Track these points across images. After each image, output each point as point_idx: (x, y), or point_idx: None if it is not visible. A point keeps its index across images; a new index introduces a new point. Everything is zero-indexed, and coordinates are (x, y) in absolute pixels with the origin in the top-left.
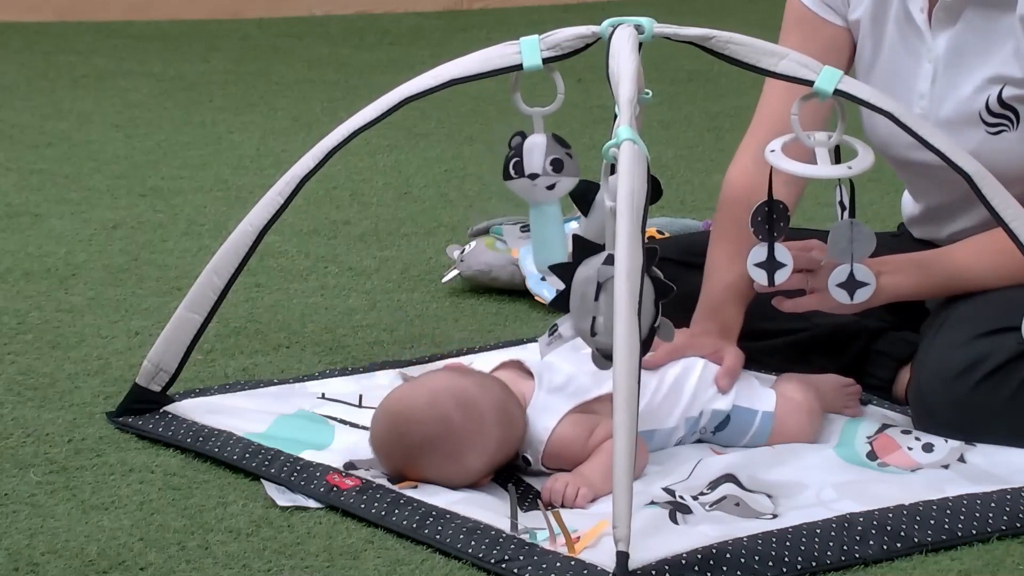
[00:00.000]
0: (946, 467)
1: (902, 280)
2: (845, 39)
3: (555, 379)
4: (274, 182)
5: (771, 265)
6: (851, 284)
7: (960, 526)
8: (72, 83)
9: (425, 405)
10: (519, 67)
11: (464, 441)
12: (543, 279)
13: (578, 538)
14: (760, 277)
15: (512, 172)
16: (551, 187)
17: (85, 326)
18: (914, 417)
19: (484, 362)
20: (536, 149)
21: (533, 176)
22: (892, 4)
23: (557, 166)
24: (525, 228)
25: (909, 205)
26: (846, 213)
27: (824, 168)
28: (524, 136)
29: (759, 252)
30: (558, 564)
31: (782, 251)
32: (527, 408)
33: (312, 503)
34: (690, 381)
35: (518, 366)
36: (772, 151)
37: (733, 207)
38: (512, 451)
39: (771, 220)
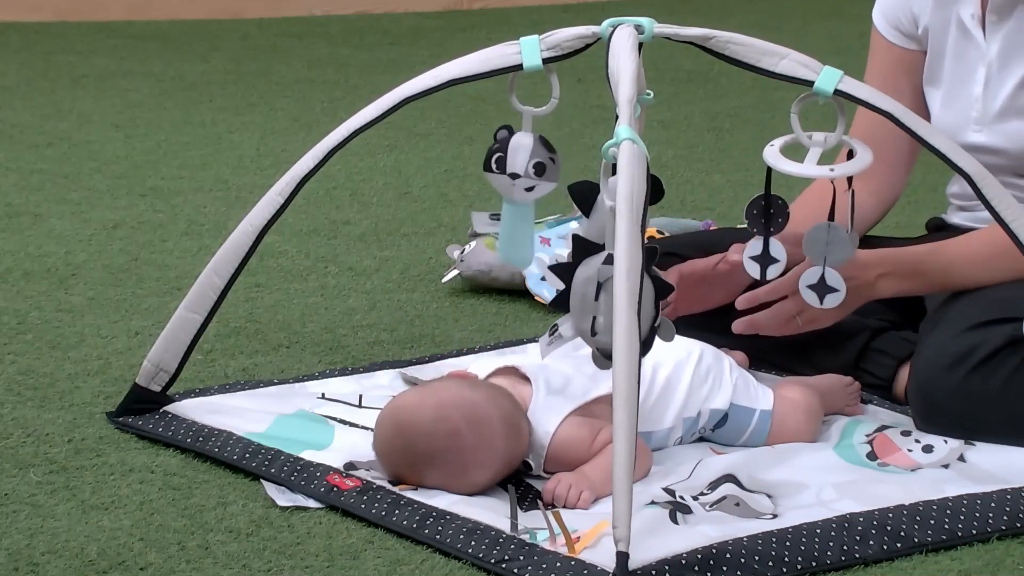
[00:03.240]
0: (946, 466)
1: (894, 284)
2: (913, 61)
3: (553, 381)
4: (274, 182)
5: (765, 259)
6: (822, 288)
7: (960, 526)
8: (72, 83)
9: (434, 419)
10: (519, 67)
11: (472, 457)
12: (543, 279)
13: (578, 538)
14: (753, 270)
15: (493, 166)
16: (530, 189)
17: (85, 326)
18: (913, 410)
19: (482, 366)
20: (521, 149)
21: (514, 176)
22: (952, 15)
23: (539, 170)
24: (495, 216)
25: (955, 187)
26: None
27: (807, 168)
28: (511, 131)
29: (755, 245)
30: (558, 564)
31: (777, 247)
32: (527, 412)
33: (312, 503)
34: (683, 382)
35: (514, 371)
36: (772, 145)
37: None
38: (517, 463)
39: (768, 214)
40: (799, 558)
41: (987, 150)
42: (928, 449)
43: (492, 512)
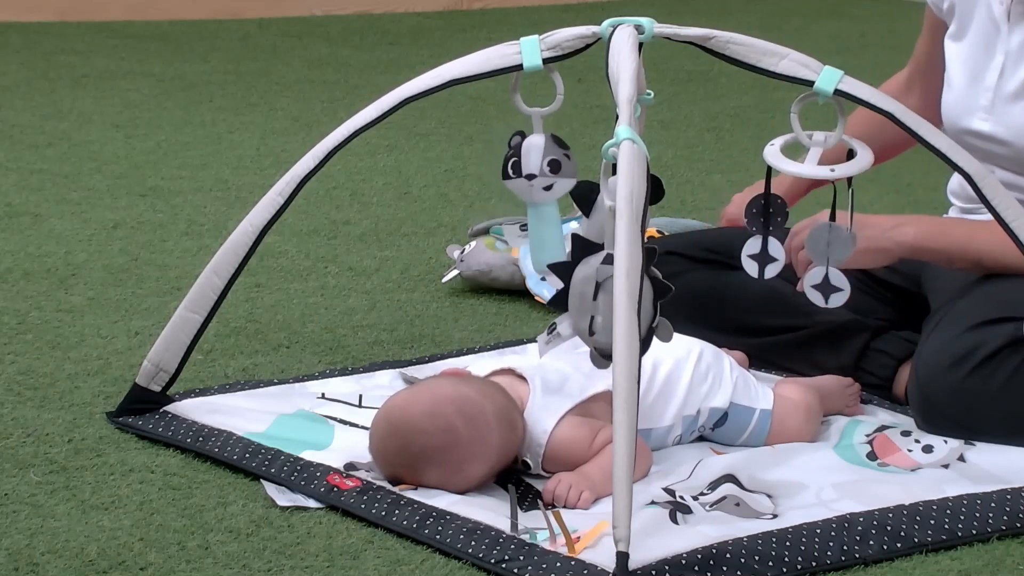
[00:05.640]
0: (946, 467)
1: (914, 230)
2: (937, 26)
3: (550, 380)
4: (274, 182)
5: (763, 258)
6: (826, 287)
7: (960, 526)
8: (72, 83)
9: (428, 415)
10: (519, 67)
11: (467, 451)
12: (543, 279)
13: (578, 538)
14: (752, 269)
15: (510, 172)
16: (548, 188)
17: (85, 326)
18: (913, 409)
19: (480, 367)
20: (534, 150)
21: (530, 177)
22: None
23: (555, 167)
24: (524, 227)
25: (955, 184)
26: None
27: (807, 168)
28: (524, 136)
29: (753, 244)
30: (558, 564)
31: (775, 246)
32: (524, 412)
33: (312, 503)
34: (683, 380)
35: (511, 372)
36: (772, 144)
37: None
38: (512, 456)
39: (767, 213)
40: (799, 558)
41: (991, 139)
42: (928, 449)
43: (492, 512)
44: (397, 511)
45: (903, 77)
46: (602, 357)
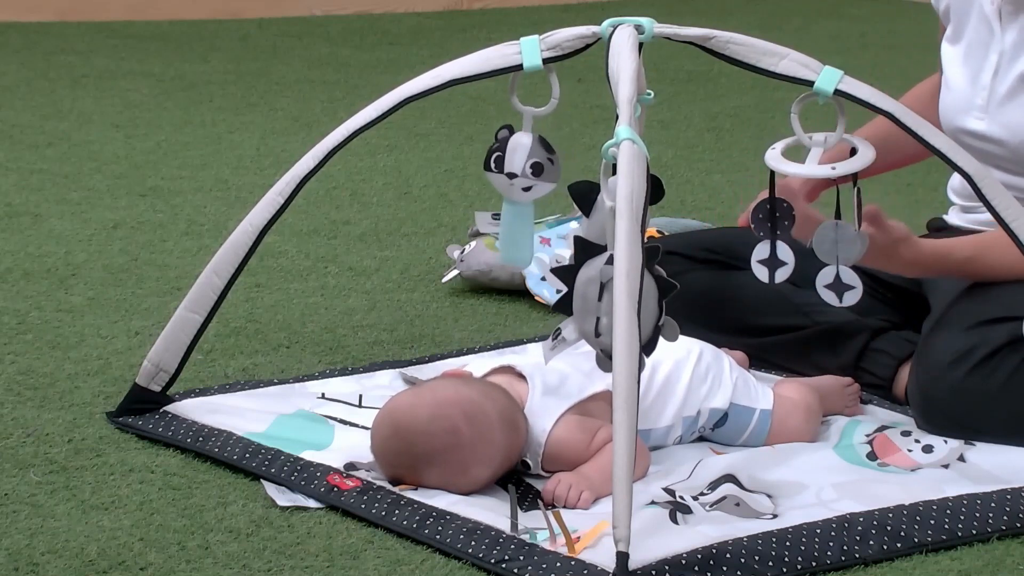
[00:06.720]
0: (946, 466)
1: (914, 251)
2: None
3: (549, 380)
4: (274, 182)
5: (773, 263)
6: (838, 286)
7: (960, 526)
8: (72, 83)
9: (432, 417)
10: (519, 67)
11: (471, 454)
12: (543, 279)
13: (578, 538)
14: (762, 274)
15: (492, 165)
16: (527, 189)
17: (85, 326)
18: (914, 408)
19: (479, 366)
20: (519, 149)
21: (511, 175)
22: (975, 1)
23: (536, 170)
24: (496, 216)
25: (956, 182)
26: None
27: (809, 167)
28: (511, 131)
29: (762, 249)
30: (558, 564)
31: (784, 249)
32: (523, 411)
33: (312, 503)
34: (682, 380)
35: (510, 370)
36: (773, 148)
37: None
38: (516, 458)
39: (773, 218)
40: (799, 558)
41: (987, 139)
42: (928, 449)
43: (492, 512)
44: (397, 511)
45: (935, 83)
46: (608, 359)
